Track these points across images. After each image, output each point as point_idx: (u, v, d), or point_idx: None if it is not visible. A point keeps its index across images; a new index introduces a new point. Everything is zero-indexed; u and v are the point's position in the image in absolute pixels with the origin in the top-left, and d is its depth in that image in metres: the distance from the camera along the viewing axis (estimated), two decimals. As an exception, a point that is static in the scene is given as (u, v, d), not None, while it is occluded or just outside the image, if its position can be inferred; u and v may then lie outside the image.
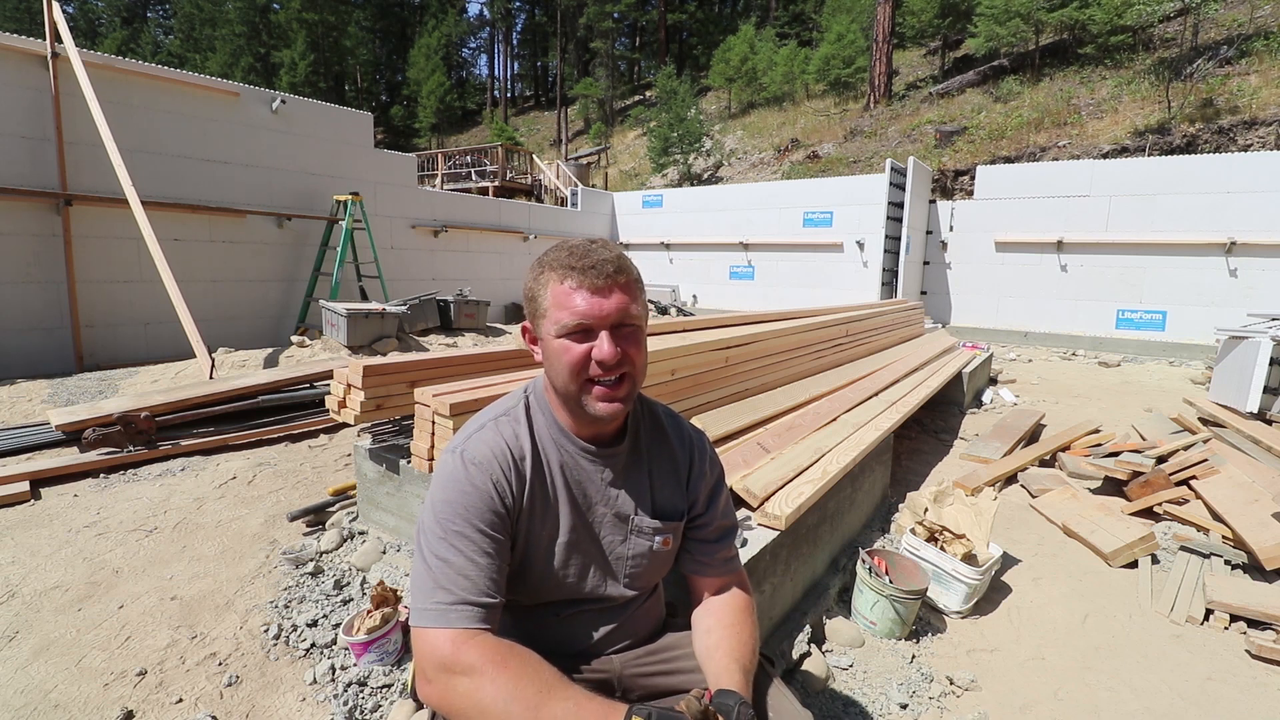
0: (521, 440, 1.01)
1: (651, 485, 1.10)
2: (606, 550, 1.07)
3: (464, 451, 0.97)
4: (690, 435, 1.18)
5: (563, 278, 0.94)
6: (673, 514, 1.11)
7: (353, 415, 2.47)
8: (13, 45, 5.73)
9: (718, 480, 1.18)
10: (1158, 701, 1.84)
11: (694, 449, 1.16)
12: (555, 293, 0.94)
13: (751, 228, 11.67)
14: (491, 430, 1.01)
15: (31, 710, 1.62)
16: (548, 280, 0.95)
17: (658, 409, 1.18)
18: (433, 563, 0.89)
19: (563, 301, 0.93)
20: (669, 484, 1.12)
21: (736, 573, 1.16)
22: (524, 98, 42.39)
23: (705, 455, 1.17)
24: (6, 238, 5.73)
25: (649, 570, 1.10)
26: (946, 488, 2.57)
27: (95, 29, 35.15)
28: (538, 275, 0.98)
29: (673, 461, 1.14)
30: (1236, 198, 7.99)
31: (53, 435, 3.52)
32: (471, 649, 0.83)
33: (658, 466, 1.12)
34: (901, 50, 21.33)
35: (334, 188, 8.20)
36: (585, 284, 0.93)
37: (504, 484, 0.96)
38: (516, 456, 0.99)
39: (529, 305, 0.99)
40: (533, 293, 0.98)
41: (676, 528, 1.11)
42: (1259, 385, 3.96)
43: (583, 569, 1.05)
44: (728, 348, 2.84)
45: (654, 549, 1.08)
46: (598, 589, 1.07)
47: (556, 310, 0.93)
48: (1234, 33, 13.05)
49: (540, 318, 0.96)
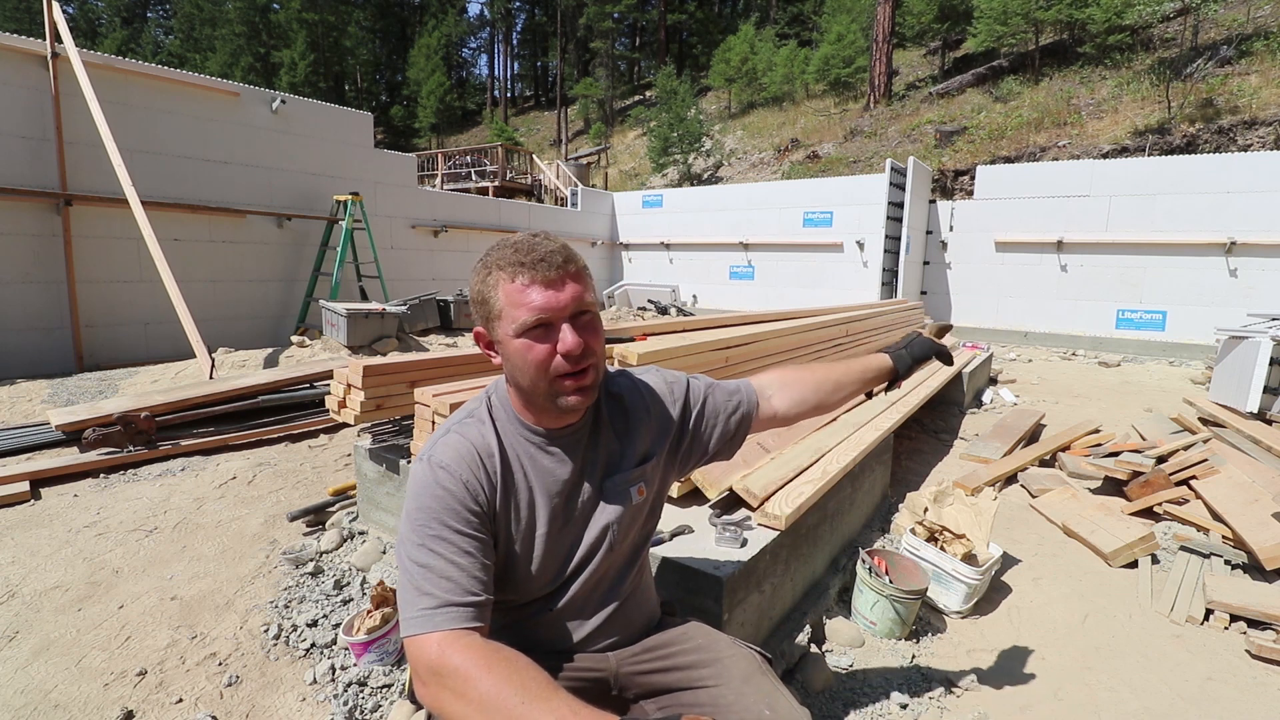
0: (488, 440, 1.01)
1: (619, 447, 1.10)
2: (586, 526, 1.07)
3: (431, 456, 0.97)
4: (644, 392, 1.16)
5: (513, 275, 0.91)
6: (644, 460, 1.11)
7: (353, 415, 2.47)
8: (13, 45, 5.73)
9: (685, 394, 1.18)
10: (1158, 701, 1.84)
11: (651, 398, 1.15)
12: (508, 292, 0.92)
13: (751, 228, 11.67)
14: (456, 434, 1.00)
15: (31, 710, 1.63)
16: (497, 281, 0.93)
17: (617, 383, 1.16)
18: (414, 570, 0.88)
19: (517, 299, 0.91)
20: (635, 438, 1.11)
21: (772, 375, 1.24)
22: (524, 98, 42.39)
23: (663, 389, 1.16)
24: (6, 238, 5.73)
25: (631, 527, 1.10)
26: (946, 488, 2.57)
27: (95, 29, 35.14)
28: (485, 277, 0.95)
29: (631, 419, 1.12)
30: (1236, 198, 7.99)
31: (53, 435, 3.53)
32: (458, 651, 0.82)
33: (620, 427, 1.11)
34: (901, 50, 21.32)
35: (334, 188, 8.20)
36: (538, 278, 0.91)
37: (475, 484, 0.95)
38: (484, 456, 0.98)
39: (480, 309, 0.97)
40: (483, 295, 0.95)
41: (646, 470, 1.10)
42: (1259, 385, 3.95)
43: (567, 553, 1.05)
44: (728, 348, 2.84)
45: (633, 503, 1.09)
46: (583, 564, 1.06)
47: (512, 309, 0.91)
48: (1234, 33, 13.05)
49: (495, 320, 0.94)
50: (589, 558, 1.07)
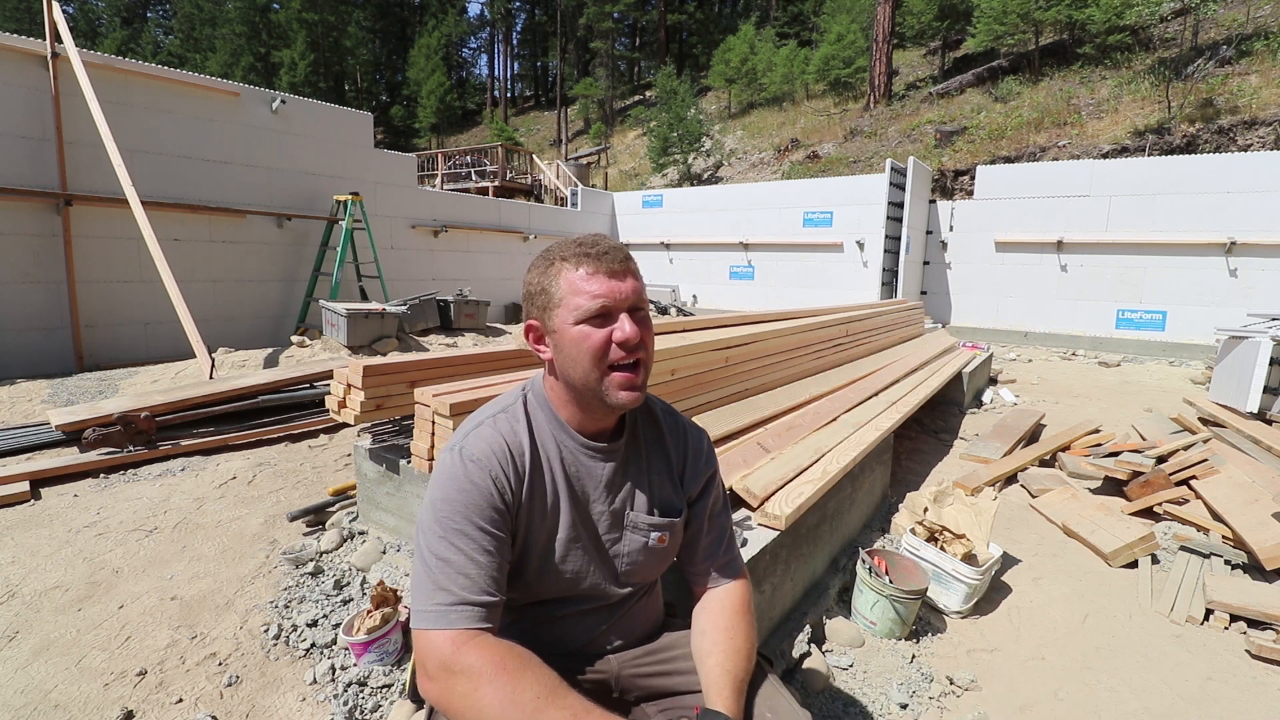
0: (520, 436, 1.01)
1: (650, 482, 1.10)
2: (604, 547, 1.07)
3: (462, 449, 0.97)
4: (685, 431, 1.18)
5: (577, 265, 0.95)
6: (670, 510, 1.10)
7: (353, 415, 2.47)
8: (13, 45, 5.72)
9: (709, 479, 1.17)
10: (1158, 701, 1.84)
11: (688, 445, 1.16)
12: (570, 280, 0.95)
13: (751, 228, 11.67)
14: (490, 427, 1.00)
15: (31, 710, 1.62)
16: (560, 270, 0.96)
17: (655, 405, 1.18)
18: (432, 562, 0.89)
19: (580, 287, 0.94)
20: (665, 480, 1.12)
21: (736, 573, 1.15)
22: (524, 98, 42.39)
23: (701, 453, 1.17)
24: (6, 238, 5.73)
25: (644, 567, 1.09)
26: (946, 488, 2.57)
27: (95, 29, 35.15)
28: (546, 269, 0.98)
29: (667, 458, 1.13)
30: (1236, 198, 7.99)
31: (53, 435, 3.52)
32: (471, 650, 0.83)
33: (654, 463, 1.12)
34: (901, 50, 21.32)
35: (334, 188, 8.20)
36: (601, 269, 0.94)
37: (503, 480, 0.95)
38: (515, 452, 0.99)
39: (538, 299, 0.99)
40: (542, 285, 0.98)
41: (673, 524, 1.10)
42: (1259, 385, 3.96)
43: (580, 566, 1.05)
44: (728, 348, 2.84)
45: (649, 545, 1.08)
46: (594, 586, 1.06)
47: (574, 297, 0.94)
48: (1234, 33, 13.05)
49: (554, 308, 0.96)
50: (598, 581, 1.07)
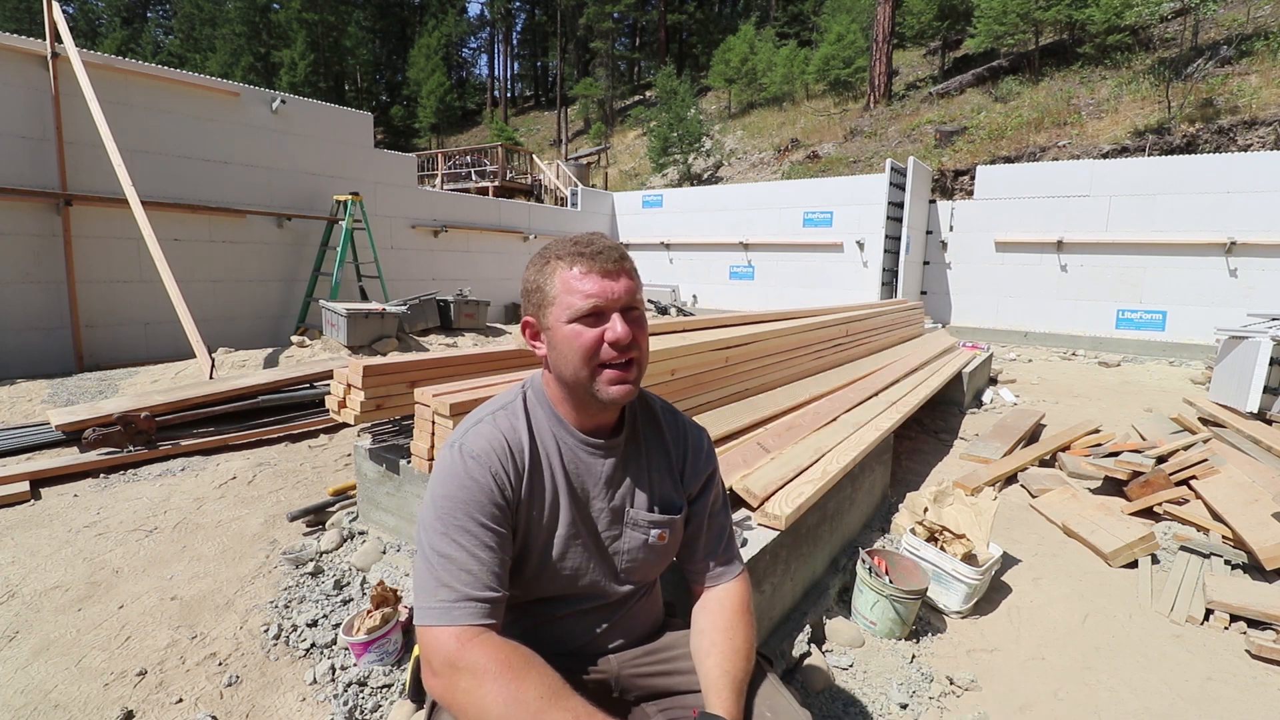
0: (520, 433, 1.01)
1: (650, 479, 1.10)
2: (603, 544, 1.07)
3: (462, 445, 0.97)
4: (685, 428, 1.18)
5: (572, 263, 0.95)
6: (670, 508, 1.10)
7: (353, 415, 2.47)
8: (13, 45, 5.72)
9: (709, 477, 1.17)
10: (1158, 701, 1.84)
11: (688, 443, 1.16)
12: (564, 279, 0.95)
13: (751, 228, 11.67)
14: (489, 424, 1.01)
15: (31, 710, 1.62)
16: (555, 269, 0.96)
17: (654, 403, 1.18)
18: (434, 559, 0.89)
19: (573, 286, 0.94)
20: (665, 478, 1.12)
21: (736, 572, 1.15)
22: (524, 98, 42.39)
23: (701, 451, 1.17)
24: (6, 238, 5.73)
25: (644, 565, 1.09)
26: (946, 488, 2.57)
27: (95, 29, 35.15)
28: (542, 267, 0.98)
29: (667, 455, 1.14)
30: (1236, 198, 7.99)
31: (53, 435, 3.52)
32: (477, 647, 0.83)
33: (654, 460, 1.12)
34: (901, 50, 21.32)
35: (334, 188, 8.20)
36: (595, 268, 0.94)
37: (503, 476, 0.96)
38: (515, 449, 0.99)
39: (533, 297, 0.99)
40: (537, 284, 0.98)
41: (673, 522, 1.10)
42: (1259, 385, 3.96)
43: (579, 563, 1.05)
44: (728, 348, 2.84)
45: (649, 543, 1.08)
46: (594, 584, 1.06)
47: (567, 295, 0.94)
48: (1234, 33, 13.05)
49: (548, 306, 0.97)
50: (598, 579, 1.07)
